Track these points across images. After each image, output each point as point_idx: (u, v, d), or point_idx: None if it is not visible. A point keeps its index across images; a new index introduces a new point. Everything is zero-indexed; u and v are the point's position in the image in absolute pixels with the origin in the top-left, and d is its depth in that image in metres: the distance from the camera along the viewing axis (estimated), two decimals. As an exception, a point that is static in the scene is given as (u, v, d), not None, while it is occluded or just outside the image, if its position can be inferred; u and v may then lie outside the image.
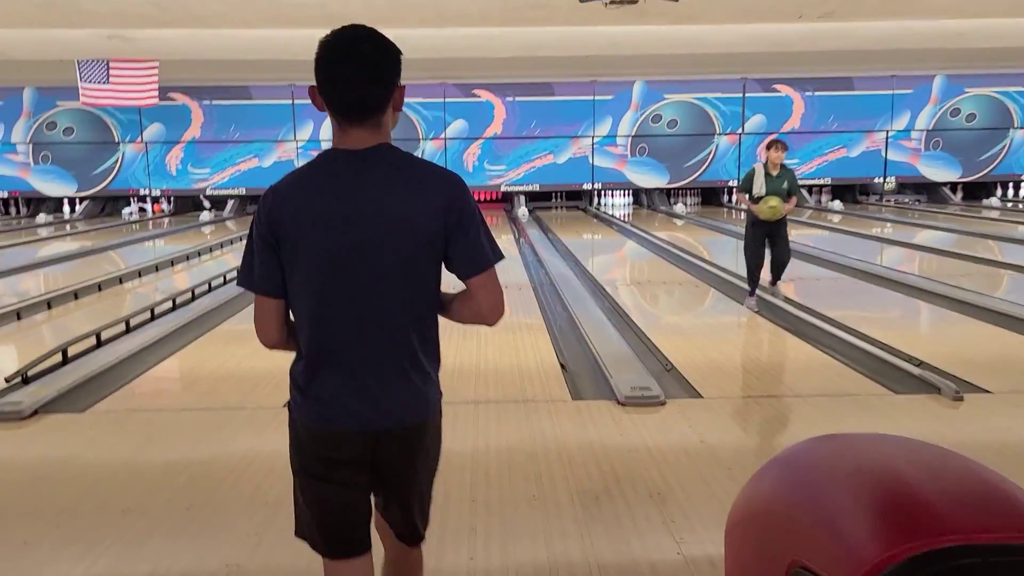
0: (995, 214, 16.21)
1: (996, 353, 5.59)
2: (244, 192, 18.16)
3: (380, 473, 1.89)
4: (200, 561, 2.88)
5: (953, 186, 18.82)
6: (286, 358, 1.98)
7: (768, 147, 7.24)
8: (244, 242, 1.89)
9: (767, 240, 7.20)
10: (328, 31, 1.79)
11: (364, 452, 1.84)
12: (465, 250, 1.79)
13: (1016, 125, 18.20)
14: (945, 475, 1.43)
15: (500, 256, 1.84)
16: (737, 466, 3.57)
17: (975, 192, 18.77)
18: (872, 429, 4.21)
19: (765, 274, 7.35)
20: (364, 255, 1.73)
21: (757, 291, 7.26)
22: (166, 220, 17.58)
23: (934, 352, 5.41)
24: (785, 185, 7.07)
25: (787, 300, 7.34)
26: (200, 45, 14.24)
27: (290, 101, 17.28)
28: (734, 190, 7.47)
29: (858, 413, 4.34)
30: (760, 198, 6.98)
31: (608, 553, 2.87)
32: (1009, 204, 18.07)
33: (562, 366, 5.34)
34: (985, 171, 18.47)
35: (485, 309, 1.84)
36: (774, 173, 7.10)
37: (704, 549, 2.85)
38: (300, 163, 12.04)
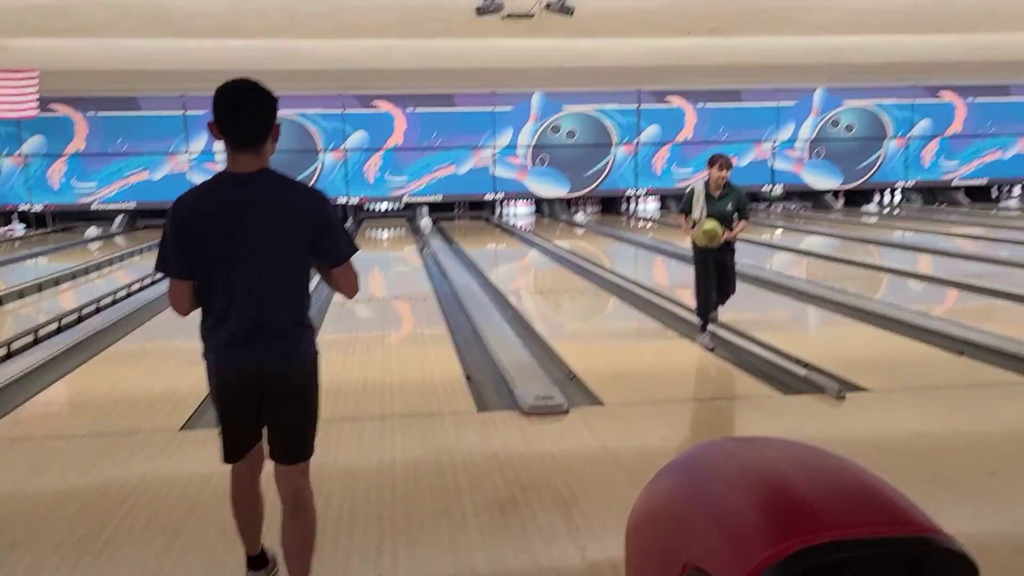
0: (873, 220, 17.15)
1: (875, 353, 5.93)
2: (134, 206, 17.48)
3: (267, 405, 2.53)
4: (94, 594, 2.78)
5: (835, 193, 19.80)
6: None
7: (710, 163, 6.14)
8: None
9: (716, 268, 6.26)
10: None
11: (255, 389, 2.50)
12: (327, 249, 2.50)
13: (890, 135, 19.32)
14: (822, 474, 1.54)
15: (355, 249, 2.56)
16: (638, 471, 3.67)
17: (855, 199, 19.81)
18: (763, 430, 4.41)
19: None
20: (251, 251, 2.40)
21: (708, 326, 6.31)
22: (49, 236, 16.76)
23: (819, 353, 5.69)
24: (730, 207, 6.09)
25: (683, 306, 7.58)
26: (84, 54, 13.69)
27: (181, 112, 16.75)
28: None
29: (750, 415, 4.54)
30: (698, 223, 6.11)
31: (513, 562, 2.92)
32: (885, 210, 19.14)
33: (467, 377, 5.37)
34: (864, 179, 19.53)
35: (343, 288, 2.58)
36: (716, 193, 6.10)
37: (607, 553, 2.93)
38: (193, 175, 11.99)
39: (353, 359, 5.90)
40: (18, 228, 17.36)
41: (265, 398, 2.52)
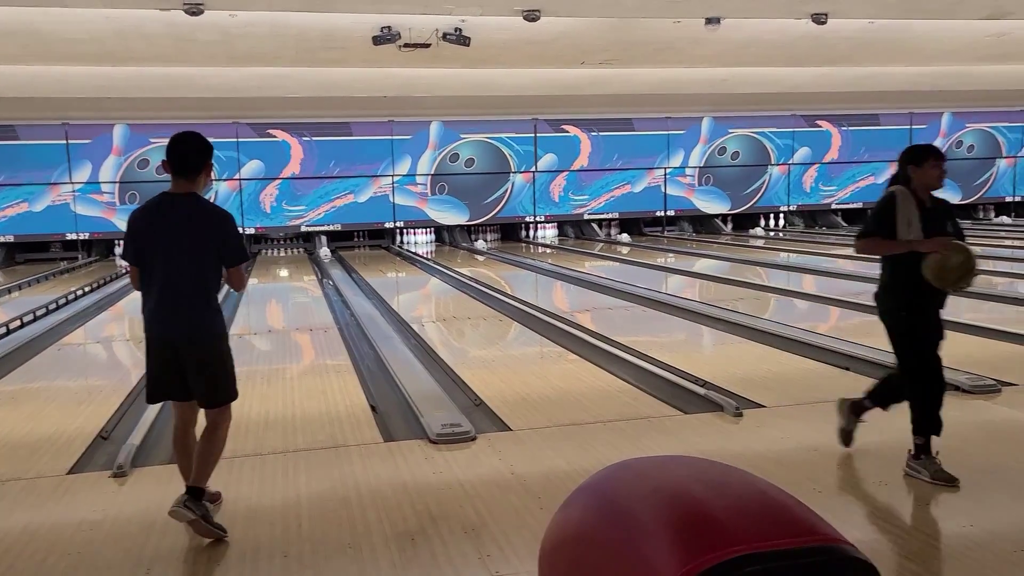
0: (760, 243, 17.89)
1: (767, 370, 6.16)
2: (12, 239, 16.53)
3: (184, 366, 3.39)
4: (-25, 656, 2.59)
5: (724, 218, 20.57)
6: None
7: (919, 159, 3.82)
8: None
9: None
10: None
11: (172, 349, 3.39)
12: (227, 255, 3.45)
13: (773, 162, 20.26)
14: (730, 490, 1.58)
15: (245, 258, 3.56)
16: (546, 494, 3.71)
17: (743, 223, 20.63)
18: (667, 448, 4.51)
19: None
20: (176, 249, 3.35)
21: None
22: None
23: (716, 372, 5.88)
24: (951, 227, 3.88)
25: (584, 329, 7.71)
26: (-47, 80, 12.94)
27: (64, 141, 15.98)
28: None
29: (654, 434, 4.64)
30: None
31: (427, 594, 2.88)
32: (771, 233, 20.01)
33: (372, 407, 5.30)
34: (750, 204, 20.38)
35: (232, 283, 3.55)
36: (928, 203, 3.87)
37: (520, 580, 2.92)
38: (78, 207, 11.88)
39: (253, 393, 5.72)
40: None
41: (182, 360, 3.38)
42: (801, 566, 1.31)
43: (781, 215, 21.00)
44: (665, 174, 19.66)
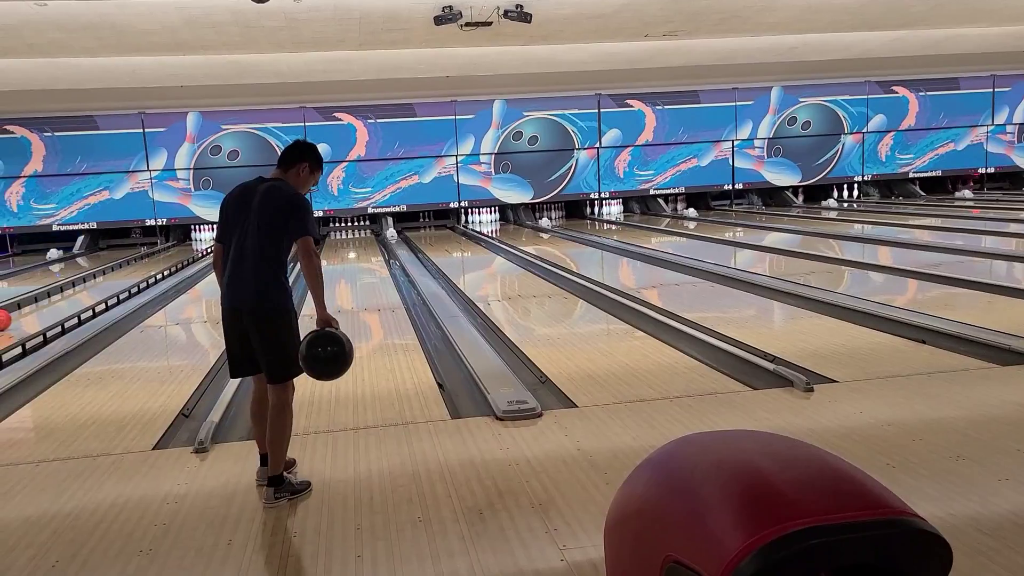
0: (833, 214, 17.43)
1: (840, 345, 6.02)
2: (95, 226, 17.21)
3: (247, 333, 3.61)
4: (72, 620, 2.74)
5: (795, 190, 20.09)
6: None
7: None
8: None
9: None
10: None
11: (238, 320, 3.63)
12: (294, 230, 3.63)
13: (846, 131, 19.66)
14: (795, 464, 1.57)
15: (312, 234, 3.64)
16: (612, 470, 3.72)
17: (814, 194, 20.12)
18: (734, 424, 4.47)
19: None
20: (249, 225, 3.62)
21: None
22: (11, 260, 16.45)
23: (786, 347, 5.78)
24: None
25: (650, 305, 7.66)
26: (38, 75, 13.48)
27: (140, 129, 16.54)
28: None
29: (721, 410, 4.60)
30: None
31: (494, 566, 2.93)
32: (844, 204, 19.47)
33: (439, 385, 5.38)
34: (822, 175, 19.85)
35: (299, 253, 3.63)
36: None
37: (586, 554, 2.95)
38: (155, 193, 12.32)
39: (324, 372, 5.86)
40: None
41: (249, 331, 3.60)
42: (868, 539, 1.29)
43: (855, 185, 20.41)
44: (733, 146, 19.29)
